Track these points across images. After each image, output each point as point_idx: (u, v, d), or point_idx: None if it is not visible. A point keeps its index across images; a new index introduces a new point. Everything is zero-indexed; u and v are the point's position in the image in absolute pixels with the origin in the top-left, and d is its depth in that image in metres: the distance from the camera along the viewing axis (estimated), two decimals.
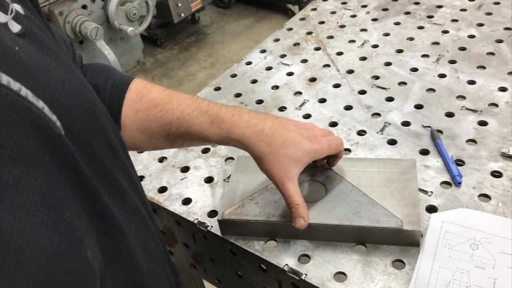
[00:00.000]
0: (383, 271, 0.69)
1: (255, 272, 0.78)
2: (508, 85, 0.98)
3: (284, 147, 0.66)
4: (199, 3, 3.38)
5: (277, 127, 0.67)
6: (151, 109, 0.68)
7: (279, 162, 0.66)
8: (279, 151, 0.66)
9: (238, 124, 0.66)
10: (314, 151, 0.69)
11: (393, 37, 1.19)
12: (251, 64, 1.19)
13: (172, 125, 0.67)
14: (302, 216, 0.69)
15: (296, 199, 0.68)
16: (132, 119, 0.69)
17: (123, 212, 0.48)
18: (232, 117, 0.67)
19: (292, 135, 0.68)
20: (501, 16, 1.19)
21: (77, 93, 0.44)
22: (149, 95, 0.70)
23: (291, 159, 0.67)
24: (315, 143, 0.69)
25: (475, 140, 0.87)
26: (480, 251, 0.68)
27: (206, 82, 3.00)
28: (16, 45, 0.38)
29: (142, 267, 0.50)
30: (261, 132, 0.66)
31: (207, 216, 0.82)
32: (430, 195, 0.78)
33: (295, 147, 0.67)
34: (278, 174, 0.67)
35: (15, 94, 0.35)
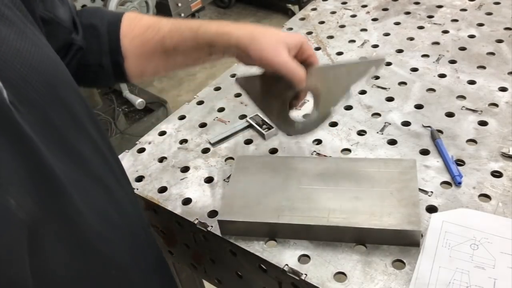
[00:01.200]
0: (383, 271, 0.69)
1: (255, 272, 0.78)
2: (508, 85, 0.97)
3: (270, 31, 0.71)
4: (199, 3, 3.37)
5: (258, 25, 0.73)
6: (144, 32, 0.75)
7: (268, 43, 0.69)
8: (266, 34, 0.70)
9: (223, 23, 0.72)
10: (302, 39, 0.72)
11: (393, 37, 1.19)
12: (251, 64, 1.19)
13: (166, 38, 0.74)
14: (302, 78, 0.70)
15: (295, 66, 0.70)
16: (130, 48, 0.75)
17: (79, 177, 0.53)
18: (219, 24, 0.72)
19: (280, 31, 0.73)
20: (501, 16, 1.19)
21: (37, 65, 0.49)
22: (141, 21, 0.77)
23: (279, 39, 0.70)
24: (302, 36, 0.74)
25: (475, 140, 0.87)
26: (480, 251, 0.68)
27: (206, 82, 2.99)
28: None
29: (92, 231, 0.53)
30: (244, 25, 0.72)
31: (207, 216, 0.82)
32: (430, 195, 0.78)
33: (279, 33, 0.71)
34: (269, 53, 0.69)
35: None
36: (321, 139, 0.93)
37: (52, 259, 0.46)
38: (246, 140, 0.97)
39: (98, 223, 0.54)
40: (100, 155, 0.60)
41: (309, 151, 0.91)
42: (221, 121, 1.03)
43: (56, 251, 0.47)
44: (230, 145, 0.96)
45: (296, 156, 0.89)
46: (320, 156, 0.89)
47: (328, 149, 0.90)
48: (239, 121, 1.00)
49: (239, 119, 1.01)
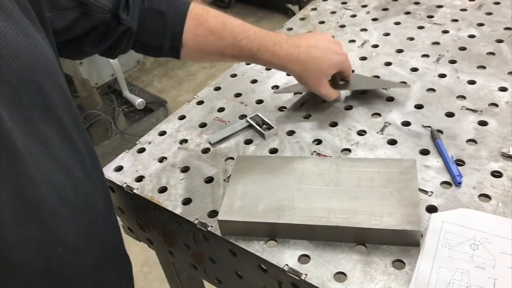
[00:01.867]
0: (383, 271, 0.69)
1: (255, 272, 0.78)
2: (508, 85, 0.97)
3: (318, 67, 0.90)
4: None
5: (309, 50, 0.89)
6: (209, 36, 0.86)
7: (313, 78, 0.91)
8: (312, 70, 0.90)
9: (279, 54, 0.88)
10: (342, 62, 0.93)
11: (393, 37, 1.19)
12: (251, 64, 1.19)
13: (226, 49, 0.87)
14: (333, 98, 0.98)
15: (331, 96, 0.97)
16: (192, 42, 0.86)
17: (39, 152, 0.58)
18: (274, 47, 0.87)
19: (322, 53, 0.90)
20: (501, 16, 1.19)
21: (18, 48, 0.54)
22: (206, 23, 0.86)
23: (322, 73, 0.92)
24: (341, 56, 0.93)
25: (475, 140, 0.87)
26: (480, 251, 0.68)
27: (206, 82, 2.99)
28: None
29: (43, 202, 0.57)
30: (296, 59, 0.88)
31: (207, 216, 0.82)
32: (430, 195, 0.78)
33: (325, 64, 0.90)
34: (314, 86, 0.93)
35: None
36: (321, 139, 0.93)
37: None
38: (246, 140, 0.97)
39: (50, 197, 0.58)
40: (67, 142, 0.65)
41: (309, 151, 0.91)
42: (221, 121, 1.03)
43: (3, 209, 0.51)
44: (230, 145, 0.96)
45: (296, 156, 0.89)
46: (320, 156, 0.89)
47: (328, 149, 0.90)
48: (239, 121, 1.00)
49: (239, 119, 1.01)
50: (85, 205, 0.67)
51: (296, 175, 0.81)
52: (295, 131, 0.96)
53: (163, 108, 2.68)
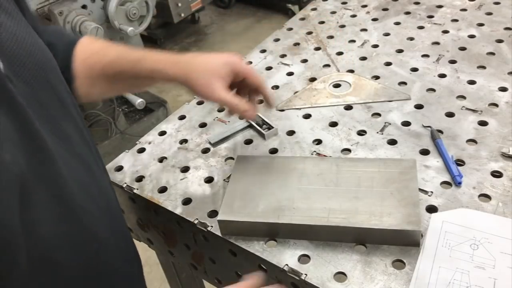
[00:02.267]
0: (383, 271, 0.69)
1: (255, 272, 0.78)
2: (508, 85, 0.97)
3: (203, 64, 0.76)
4: (199, 3, 3.37)
5: (194, 55, 0.78)
6: (93, 56, 0.80)
7: (202, 79, 0.75)
8: (198, 70, 0.76)
9: (159, 59, 0.77)
10: (233, 61, 0.77)
11: (393, 37, 1.19)
12: (251, 64, 1.19)
13: (107, 66, 0.79)
14: (244, 110, 0.78)
15: (232, 101, 0.77)
16: (80, 69, 0.79)
17: (65, 152, 0.58)
18: (155, 55, 0.78)
19: (209, 55, 0.78)
20: (501, 16, 1.19)
21: (30, 49, 0.55)
22: (93, 45, 0.83)
23: (211, 73, 0.75)
24: (235, 57, 0.78)
25: (475, 140, 0.87)
26: (480, 251, 0.68)
27: None
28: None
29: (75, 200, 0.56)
30: (179, 59, 0.77)
31: (207, 216, 0.82)
32: (430, 195, 0.78)
33: (212, 62, 0.76)
34: (206, 90, 0.75)
35: None
36: (321, 139, 0.93)
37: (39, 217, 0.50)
38: (246, 140, 0.97)
39: (80, 195, 0.58)
40: (82, 137, 0.65)
41: (309, 151, 0.91)
42: (221, 121, 1.02)
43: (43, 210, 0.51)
44: (230, 145, 0.96)
45: (296, 156, 0.89)
46: (320, 156, 0.89)
47: (328, 149, 0.90)
48: (239, 121, 1.00)
49: (239, 119, 1.01)
50: (107, 202, 0.68)
51: (296, 175, 0.81)
52: (295, 131, 0.96)
53: (163, 108, 2.68)
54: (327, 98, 1.03)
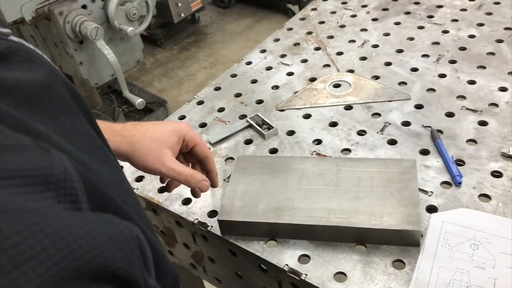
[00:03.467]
0: (383, 271, 0.69)
1: (255, 272, 0.78)
2: (508, 85, 0.97)
3: (149, 133, 0.67)
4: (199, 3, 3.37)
5: (139, 123, 0.68)
6: None
7: (148, 150, 0.66)
8: (144, 139, 0.66)
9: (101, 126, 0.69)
10: (181, 128, 0.68)
11: (393, 37, 1.19)
12: (251, 64, 1.19)
13: None
14: (202, 179, 0.70)
15: (186, 172, 0.68)
16: None
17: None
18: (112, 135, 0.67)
19: (155, 123, 0.69)
20: (501, 16, 1.19)
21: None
22: None
23: (158, 142, 0.66)
24: (183, 124, 0.69)
25: (475, 140, 0.86)
26: (480, 251, 0.68)
27: (206, 82, 2.99)
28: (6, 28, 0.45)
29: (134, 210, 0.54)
30: (122, 129, 0.67)
31: (207, 216, 0.82)
32: (430, 195, 0.78)
33: (159, 130, 0.67)
34: (154, 163, 0.66)
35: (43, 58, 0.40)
36: (321, 139, 0.93)
37: None
38: (246, 140, 0.96)
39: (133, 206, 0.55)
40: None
41: (309, 151, 0.90)
42: (221, 121, 1.02)
43: None
44: (230, 145, 0.96)
45: (296, 156, 0.89)
46: (320, 156, 0.89)
47: (328, 149, 0.90)
48: (239, 121, 1.00)
49: (239, 119, 1.01)
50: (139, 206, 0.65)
51: (296, 175, 0.81)
52: (295, 131, 0.96)
53: (163, 108, 2.68)
54: (327, 98, 1.03)
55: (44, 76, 0.38)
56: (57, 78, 0.40)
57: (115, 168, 0.40)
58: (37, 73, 0.37)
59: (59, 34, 2.20)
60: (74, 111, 0.40)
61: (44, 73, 0.38)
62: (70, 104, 0.39)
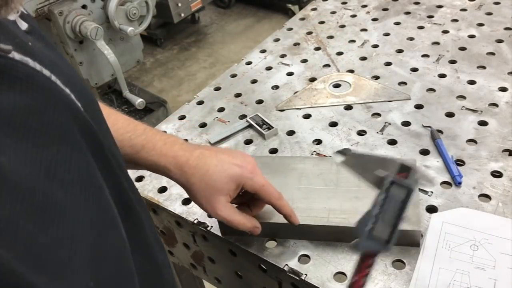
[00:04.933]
0: (383, 271, 0.69)
1: (255, 272, 0.78)
2: (508, 85, 0.97)
3: (207, 176, 0.65)
4: (199, 3, 3.37)
5: (204, 157, 0.66)
6: None
7: (204, 193, 0.65)
8: (202, 181, 0.65)
9: (166, 153, 0.66)
10: (242, 177, 0.66)
11: (393, 37, 1.19)
12: (251, 64, 1.19)
13: None
14: (253, 226, 0.68)
15: (236, 222, 0.67)
16: None
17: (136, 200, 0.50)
18: (163, 146, 0.67)
19: (218, 163, 0.66)
20: (501, 16, 1.19)
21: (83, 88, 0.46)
22: None
23: (215, 188, 0.65)
24: (246, 169, 0.66)
25: (475, 140, 0.86)
26: (480, 252, 0.68)
27: (206, 82, 2.99)
28: (28, 41, 0.39)
29: (158, 257, 0.51)
30: (185, 163, 0.66)
31: (207, 216, 0.81)
32: (430, 195, 0.78)
33: (219, 174, 0.65)
34: (207, 206, 0.66)
35: (48, 80, 0.36)
36: (321, 139, 0.93)
37: None
38: (246, 140, 0.96)
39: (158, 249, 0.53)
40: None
41: (309, 151, 0.90)
42: (221, 121, 1.02)
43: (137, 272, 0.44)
44: (230, 145, 0.96)
45: (296, 156, 0.89)
46: (320, 156, 0.89)
47: (328, 149, 0.90)
48: (239, 121, 1.00)
49: (239, 119, 1.01)
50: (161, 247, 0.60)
51: (296, 175, 0.81)
52: (295, 131, 0.96)
53: (163, 108, 2.68)
54: (327, 98, 1.03)
55: (39, 100, 0.34)
56: (59, 104, 0.36)
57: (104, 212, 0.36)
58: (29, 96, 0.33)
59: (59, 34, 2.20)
60: (72, 141, 0.36)
61: (40, 97, 0.34)
62: (68, 134, 0.36)
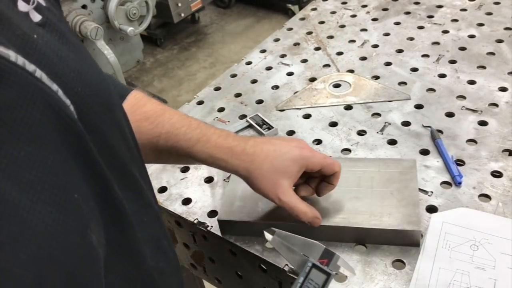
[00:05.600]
0: (383, 271, 0.69)
1: (255, 272, 0.78)
2: (508, 85, 0.97)
3: (268, 161, 0.65)
4: (199, 3, 3.38)
5: (259, 144, 0.67)
6: (143, 121, 0.69)
7: (266, 178, 0.65)
8: (263, 167, 0.65)
9: (221, 145, 0.67)
10: (303, 157, 0.66)
11: (393, 37, 1.19)
12: (251, 64, 1.19)
13: (161, 138, 0.68)
14: (313, 216, 0.69)
15: (299, 209, 0.67)
16: None
17: (137, 205, 0.49)
18: (218, 138, 0.68)
19: (276, 147, 0.67)
20: (501, 16, 1.19)
21: (95, 85, 0.45)
22: (144, 107, 0.71)
23: (278, 172, 0.65)
24: (305, 149, 0.67)
25: (475, 140, 0.87)
26: (480, 252, 0.68)
27: (206, 82, 2.99)
28: (35, 33, 0.39)
29: (148, 262, 0.50)
30: (241, 152, 0.66)
31: (207, 216, 0.82)
32: (430, 195, 0.78)
33: (280, 158, 0.65)
34: (270, 191, 0.66)
35: (30, 75, 0.35)
36: (321, 139, 0.93)
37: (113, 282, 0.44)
38: None
39: (154, 255, 0.52)
40: (147, 181, 0.57)
41: None
42: (221, 121, 1.02)
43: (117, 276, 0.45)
44: None
45: None
46: None
47: (328, 149, 0.90)
48: (239, 121, 1.00)
49: (239, 119, 1.01)
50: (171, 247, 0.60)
51: None
52: (295, 131, 0.96)
53: None
54: (327, 98, 1.03)
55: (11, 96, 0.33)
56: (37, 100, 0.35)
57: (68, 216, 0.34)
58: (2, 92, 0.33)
59: None
60: (43, 140, 0.35)
61: (14, 92, 0.33)
62: (40, 132, 0.35)
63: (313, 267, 0.58)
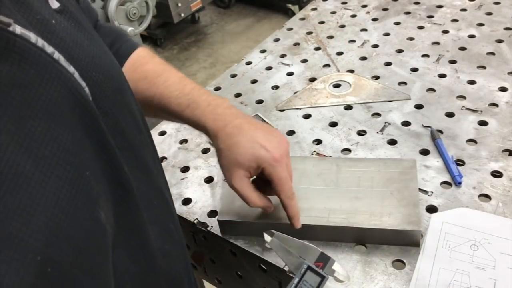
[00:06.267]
0: (383, 271, 0.69)
1: (255, 272, 0.78)
2: (508, 85, 0.97)
3: (235, 147, 0.67)
4: (199, 3, 3.38)
5: (242, 127, 0.67)
6: (141, 80, 0.72)
7: (227, 160, 0.68)
8: (229, 150, 0.67)
9: (207, 115, 0.69)
10: (263, 158, 0.66)
11: (393, 37, 1.19)
12: (251, 64, 1.19)
13: (154, 98, 0.72)
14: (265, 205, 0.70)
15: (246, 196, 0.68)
16: None
17: (146, 187, 0.51)
18: (207, 107, 0.69)
19: (250, 139, 0.67)
20: (501, 16, 1.19)
21: (107, 71, 0.47)
22: (145, 66, 0.74)
23: (235, 161, 0.67)
24: (271, 154, 0.66)
25: (475, 140, 0.87)
26: (480, 252, 0.68)
27: (206, 82, 2.99)
28: (53, 19, 0.41)
29: (153, 244, 0.51)
30: (221, 129, 0.68)
31: (207, 216, 0.82)
32: (430, 195, 0.78)
33: (244, 150, 0.66)
34: (225, 173, 0.69)
35: (48, 56, 0.37)
36: (321, 139, 0.93)
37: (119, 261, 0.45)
38: None
39: (160, 237, 0.53)
40: (158, 165, 0.59)
41: (309, 151, 0.90)
42: None
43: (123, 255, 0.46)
44: None
45: (296, 156, 0.89)
46: (320, 156, 0.89)
47: (328, 149, 0.90)
48: None
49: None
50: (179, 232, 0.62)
51: (296, 175, 0.80)
52: (295, 131, 0.96)
53: None
54: (327, 98, 1.03)
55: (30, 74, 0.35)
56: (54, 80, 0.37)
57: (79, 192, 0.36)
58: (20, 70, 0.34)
59: None
60: (59, 118, 0.36)
61: (33, 71, 0.35)
62: (56, 110, 0.36)
63: (308, 269, 0.60)
